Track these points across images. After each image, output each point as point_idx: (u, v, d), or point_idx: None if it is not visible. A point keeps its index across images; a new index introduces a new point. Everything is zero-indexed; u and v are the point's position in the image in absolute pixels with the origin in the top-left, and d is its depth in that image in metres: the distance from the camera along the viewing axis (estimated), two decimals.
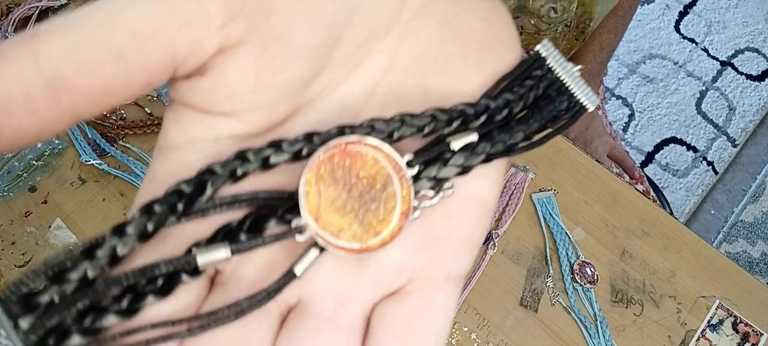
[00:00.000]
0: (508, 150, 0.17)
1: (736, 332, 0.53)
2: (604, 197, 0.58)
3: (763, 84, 1.65)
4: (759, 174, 1.54)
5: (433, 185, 0.17)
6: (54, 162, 0.60)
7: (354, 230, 0.16)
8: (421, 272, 0.17)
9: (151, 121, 0.61)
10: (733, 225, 1.48)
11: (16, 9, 0.68)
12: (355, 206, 0.16)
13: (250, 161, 0.16)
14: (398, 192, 0.16)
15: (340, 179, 0.16)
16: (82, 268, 0.14)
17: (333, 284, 0.17)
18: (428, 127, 0.17)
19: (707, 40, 1.72)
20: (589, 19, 0.73)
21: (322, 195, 0.16)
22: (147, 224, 0.15)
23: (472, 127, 0.17)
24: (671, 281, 0.55)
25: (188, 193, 0.15)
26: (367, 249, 0.16)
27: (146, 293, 0.15)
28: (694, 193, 1.51)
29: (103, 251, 0.14)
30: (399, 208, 0.16)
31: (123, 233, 0.14)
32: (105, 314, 0.14)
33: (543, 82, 0.18)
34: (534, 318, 0.53)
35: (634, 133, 1.59)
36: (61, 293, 0.14)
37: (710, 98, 1.63)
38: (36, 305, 0.14)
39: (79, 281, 0.14)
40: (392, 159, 0.16)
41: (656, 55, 1.70)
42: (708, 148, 1.57)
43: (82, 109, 0.14)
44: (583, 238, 0.56)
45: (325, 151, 0.16)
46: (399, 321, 0.16)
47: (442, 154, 0.17)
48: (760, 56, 1.69)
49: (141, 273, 0.15)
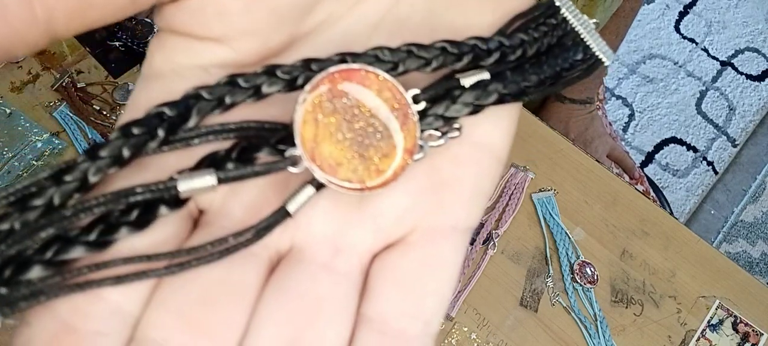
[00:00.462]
0: (521, 92, 0.16)
1: (736, 332, 0.53)
2: (604, 197, 0.58)
3: (763, 84, 1.65)
4: (759, 174, 1.54)
5: (441, 124, 0.15)
6: (54, 162, 0.60)
7: (354, 165, 0.14)
8: (425, 221, 0.15)
9: None
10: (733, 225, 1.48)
11: None
12: (356, 138, 0.14)
13: (242, 88, 0.14)
14: (403, 127, 0.15)
15: (340, 109, 0.14)
16: (49, 194, 0.12)
17: (329, 229, 0.15)
18: (437, 61, 0.15)
19: (707, 40, 1.72)
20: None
21: (319, 125, 0.14)
22: (123, 148, 0.13)
23: (484, 65, 0.16)
24: (671, 281, 0.55)
25: (171, 117, 0.13)
26: (368, 188, 0.14)
27: (119, 225, 0.13)
28: (694, 193, 1.51)
29: (73, 175, 0.13)
30: (403, 144, 0.15)
31: (95, 157, 0.13)
32: (71, 246, 0.13)
33: (557, 31, 0.17)
34: (534, 318, 0.53)
35: (634, 133, 1.59)
36: (23, 220, 0.12)
37: (710, 98, 1.63)
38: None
39: (44, 207, 0.12)
40: (397, 92, 0.15)
41: (656, 55, 1.70)
42: (708, 148, 1.57)
43: (59, 23, 0.13)
44: (583, 238, 0.56)
45: (325, 78, 0.14)
46: (401, 275, 0.15)
47: (451, 91, 0.15)
48: (760, 56, 1.69)
49: (114, 199, 0.13)
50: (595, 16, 0.71)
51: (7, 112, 0.62)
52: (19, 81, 0.65)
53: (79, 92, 0.63)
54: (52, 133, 0.61)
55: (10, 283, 0.12)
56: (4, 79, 0.65)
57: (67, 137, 0.61)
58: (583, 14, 0.17)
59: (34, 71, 0.65)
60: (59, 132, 0.62)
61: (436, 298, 0.15)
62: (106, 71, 0.65)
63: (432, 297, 0.15)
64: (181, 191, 0.13)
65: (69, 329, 0.13)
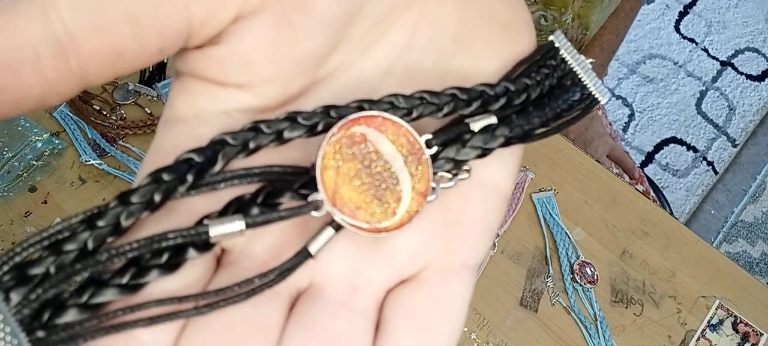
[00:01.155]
0: (526, 135, 0.17)
1: (736, 332, 0.53)
2: (604, 197, 0.58)
3: (763, 84, 1.65)
4: (759, 174, 1.54)
5: (452, 166, 0.16)
6: (54, 162, 0.60)
7: (372, 208, 0.15)
8: (437, 259, 0.16)
9: (151, 121, 0.61)
10: (733, 225, 1.48)
11: None
12: (373, 183, 0.15)
13: (265, 133, 0.15)
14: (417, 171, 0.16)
15: (359, 155, 0.15)
16: (82, 238, 0.13)
17: (347, 268, 0.16)
18: (448, 106, 0.16)
19: (707, 40, 1.72)
20: (585, 29, 0.73)
21: (339, 171, 0.15)
22: (154, 194, 0.14)
23: (492, 109, 0.16)
24: (671, 281, 0.55)
25: (199, 163, 0.14)
26: (384, 229, 0.15)
27: (150, 268, 0.14)
28: (694, 193, 1.51)
29: (106, 220, 0.13)
30: (417, 188, 0.15)
31: (127, 202, 0.13)
32: (105, 289, 0.13)
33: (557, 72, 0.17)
34: (534, 318, 0.53)
35: (634, 133, 1.59)
36: (59, 264, 0.13)
37: (710, 98, 1.63)
38: (29, 276, 0.13)
39: (78, 251, 0.13)
40: (411, 137, 0.16)
41: (656, 55, 1.70)
42: (708, 148, 1.57)
43: (92, 73, 0.14)
44: (583, 238, 0.56)
45: (344, 125, 0.15)
46: (414, 310, 0.16)
47: (461, 135, 0.16)
48: (760, 56, 1.69)
49: (147, 243, 0.13)
50: (592, 16, 0.71)
51: None
52: None
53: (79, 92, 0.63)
54: (52, 133, 0.61)
55: (47, 326, 0.13)
56: None
57: (67, 137, 0.61)
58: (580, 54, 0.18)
59: None
60: (59, 132, 0.62)
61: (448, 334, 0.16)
62: None
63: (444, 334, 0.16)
64: (211, 236, 0.14)
65: None
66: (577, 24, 0.72)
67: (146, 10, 0.13)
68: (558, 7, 0.66)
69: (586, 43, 0.78)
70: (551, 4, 0.66)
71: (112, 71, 0.14)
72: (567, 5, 0.67)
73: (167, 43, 0.14)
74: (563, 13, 0.67)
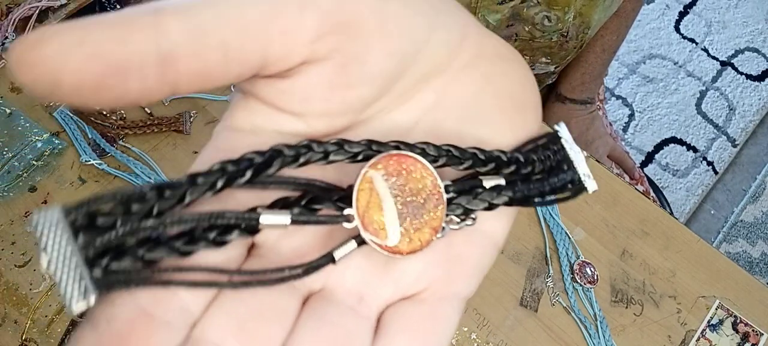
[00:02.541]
0: (525, 199, 0.20)
1: (736, 332, 0.53)
2: (604, 197, 0.58)
3: (763, 84, 1.65)
4: (759, 174, 1.54)
5: (461, 212, 0.19)
6: (54, 162, 0.60)
7: (392, 233, 0.18)
8: (435, 285, 0.19)
9: (151, 121, 0.62)
10: (733, 225, 1.48)
11: (16, 9, 0.68)
12: (398, 212, 0.18)
13: (315, 151, 0.17)
14: (434, 210, 0.18)
15: (390, 186, 0.18)
16: (150, 202, 0.15)
17: (358, 280, 0.18)
18: (467, 162, 0.19)
19: (707, 40, 1.72)
20: (587, 27, 0.73)
21: (371, 195, 0.18)
22: (218, 179, 0.16)
23: (502, 173, 0.19)
24: (671, 281, 0.54)
25: (258, 163, 0.17)
26: (399, 252, 0.18)
27: (200, 239, 0.16)
28: (694, 193, 1.51)
29: (173, 192, 0.15)
30: (432, 223, 0.18)
31: (194, 182, 0.16)
32: (161, 248, 0.15)
33: (557, 156, 0.21)
34: (534, 318, 0.53)
35: (634, 133, 1.59)
36: (125, 219, 0.15)
37: (710, 98, 1.63)
38: (98, 224, 0.15)
39: (145, 212, 0.15)
40: (435, 180, 0.18)
41: (656, 55, 1.70)
42: (708, 148, 1.57)
43: (181, 86, 0.16)
44: (583, 238, 0.56)
45: (382, 158, 0.18)
46: (410, 320, 0.18)
47: (475, 189, 0.19)
48: (760, 56, 1.69)
49: (205, 218, 0.16)
50: (594, 15, 0.71)
51: (7, 112, 0.62)
52: None
53: None
54: (52, 133, 0.61)
55: (105, 268, 0.15)
56: (4, 79, 0.65)
57: (67, 137, 0.61)
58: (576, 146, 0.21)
59: None
60: (59, 132, 0.62)
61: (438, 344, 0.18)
62: None
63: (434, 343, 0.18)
64: (261, 223, 0.16)
65: (146, 314, 0.15)
66: (578, 22, 0.72)
67: (235, 44, 0.16)
68: (561, 6, 0.66)
69: (586, 42, 0.78)
70: (554, 5, 0.66)
71: (198, 87, 0.16)
72: (569, 4, 0.67)
73: (245, 71, 0.17)
74: (566, 12, 0.67)
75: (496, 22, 0.69)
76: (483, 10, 0.66)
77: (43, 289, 0.54)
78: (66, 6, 0.69)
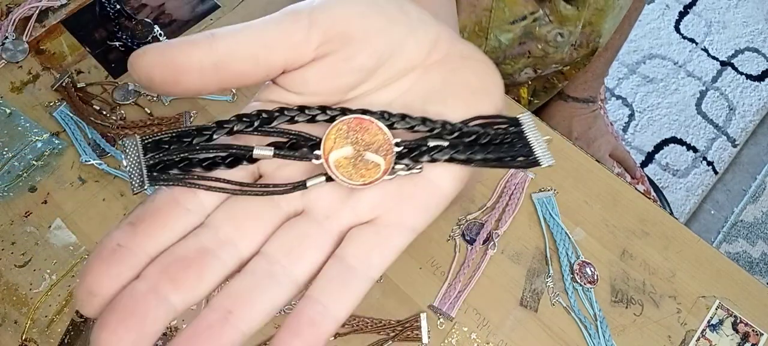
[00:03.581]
0: (465, 160, 0.25)
1: (736, 332, 0.53)
2: (604, 197, 0.58)
3: (763, 84, 1.65)
4: (759, 174, 1.54)
5: (409, 163, 0.25)
6: (54, 162, 0.60)
7: (350, 170, 0.24)
8: (386, 215, 0.25)
9: (151, 122, 0.61)
10: (733, 225, 1.48)
11: (16, 9, 0.68)
12: (356, 156, 0.24)
13: (304, 113, 0.25)
14: (386, 158, 0.24)
15: (351, 138, 0.24)
16: (191, 136, 0.24)
17: (326, 205, 0.25)
18: (418, 127, 0.25)
19: (707, 40, 1.72)
20: (598, 36, 0.73)
21: (335, 142, 0.24)
22: (235, 125, 0.24)
23: (446, 138, 0.25)
24: (671, 281, 0.54)
25: (265, 117, 0.24)
26: (355, 185, 0.24)
27: (220, 163, 0.24)
28: (694, 193, 1.51)
29: (207, 132, 0.24)
30: (383, 166, 0.24)
31: (221, 126, 0.24)
32: (194, 165, 0.24)
33: (514, 136, 0.26)
34: (534, 318, 0.53)
35: (634, 133, 1.59)
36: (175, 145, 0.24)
37: (710, 98, 1.63)
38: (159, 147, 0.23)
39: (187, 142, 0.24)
40: (387, 136, 0.24)
41: (656, 55, 1.70)
42: (708, 148, 1.57)
43: (227, 83, 0.23)
44: (583, 238, 0.56)
45: (348, 119, 0.24)
46: (362, 236, 0.24)
47: (420, 146, 0.25)
48: (760, 56, 1.69)
49: (223, 148, 0.24)
50: (604, 24, 0.71)
51: (7, 112, 0.62)
52: (19, 81, 0.65)
53: (79, 92, 0.63)
54: (52, 133, 0.61)
55: (159, 173, 0.23)
56: (4, 79, 0.65)
57: (67, 137, 0.61)
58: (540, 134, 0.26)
59: (34, 71, 0.65)
60: (59, 132, 0.62)
61: (381, 258, 0.24)
62: (106, 71, 0.65)
63: (378, 256, 0.24)
64: (254, 153, 0.24)
65: (176, 201, 0.23)
66: (588, 30, 0.72)
67: (263, 55, 0.24)
68: (573, 21, 0.66)
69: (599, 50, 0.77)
70: (566, 22, 0.66)
71: (239, 84, 0.24)
72: (580, 18, 0.67)
73: (272, 73, 0.24)
74: (577, 25, 0.67)
75: (508, 41, 0.68)
76: (495, 30, 0.66)
77: (43, 289, 0.54)
78: (66, 6, 0.69)
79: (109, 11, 0.69)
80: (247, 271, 0.23)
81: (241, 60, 0.23)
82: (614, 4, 0.68)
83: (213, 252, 0.23)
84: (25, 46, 0.66)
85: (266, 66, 0.24)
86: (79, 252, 0.56)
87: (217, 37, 0.23)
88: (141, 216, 0.23)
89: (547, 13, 0.66)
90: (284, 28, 0.24)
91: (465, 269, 0.54)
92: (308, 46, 0.24)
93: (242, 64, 0.23)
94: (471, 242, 0.56)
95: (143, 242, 0.22)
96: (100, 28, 0.68)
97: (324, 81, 0.25)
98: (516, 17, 0.66)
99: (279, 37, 0.23)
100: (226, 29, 0.23)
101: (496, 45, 0.68)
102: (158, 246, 0.22)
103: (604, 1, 0.68)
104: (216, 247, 0.23)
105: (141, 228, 0.22)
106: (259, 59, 0.23)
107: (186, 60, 0.22)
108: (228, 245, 0.23)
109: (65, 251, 0.56)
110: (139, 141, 0.23)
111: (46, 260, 0.55)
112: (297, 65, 0.24)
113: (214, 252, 0.23)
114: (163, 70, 0.22)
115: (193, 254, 0.22)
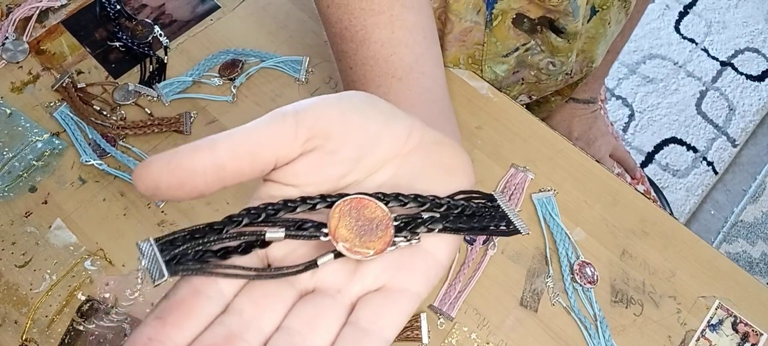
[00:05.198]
0: (456, 230, 0.29)
1: (736, 332, 0.53)
2: (604, 197, 0.58)
3: (763, 84, 1.65)
4: (759, 174, 1.54)
5: (408, 235, 0.28)
6: (54, 162, 0.60)
7: (356, 244, 0.27)
8: (391, 282, 0.27)
9: (151, 122, 0.61)
10: (733, 225, 1.48)
11: (16, 9, 0.68)
12: (359, 232, 0.27)
13: (306, 203, 0.27)
14: (385, 232, 0.27)
15: (353, 216, 0.27)
16: (203, 232, 0.25)
17: (337, 280, 0.27)
18: (411, 204, 0.28)
19: (707, 40, 1.72)
20: (591, 62, 0.73)
21: (340, 221, 0.27)
22: (245, 218, 0.26)
23: (437, 211, 0.29)
24: (671, 281, 0.54)
25: (271, 211, 0.27)
26: (363, 257, 0.27)
27: (233, 251, 0.26)
28: (694, 193, 1.51)
29: (217, 226, 0.26)
30: (384, 239, 0.27)
31: (232, 221, 0.26)
32: (209, 255, 0.25)
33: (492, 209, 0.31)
34: (534, 318, 0.53)
35: (634, 133, 1.59)
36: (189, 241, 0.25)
37: (710, 98, 1.63)
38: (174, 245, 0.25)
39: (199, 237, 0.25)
40: (386, 212, 0.27)
41: (656, 55, 1.70)
42: (708, 148, 1.57)
43: (227, 181, 0.25)
44: (583, 238, 0.56)
45: (349, 199, 0.27)
46: (375, 300, 0.27)
47: (416, 219, 0.28)
48: (760, 56, 1.69)
49: (235, 236, 0.26)
50: (597, 50, 0.71)
51: (7, 112, 0.62)
52: (19, 81, 0.65)
53: (79, 92, 0.63)
54: (52, 133, 0.61)
55: (177, 265, 0.24)
56: (4, 79, 0.65)
57: (67, 137, 0.61)
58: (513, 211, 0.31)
59: (34, 71, 0.65)
60: (59, 132, 0.62)
61: (391, 317, 0.26)
62: (106, 71, 0.65)
63: (389, 315, 0.26)
64: (266, 236, 0.26)
65: (198, 291, 0.25)
66: (582, 58, 0.72)
67: (257, 154, 0.26)
68: (565, 52, 0.66)
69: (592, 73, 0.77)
70: (558, 52, 0.66)
71: (239, 180, 0.26)
72: (572, 49, 0.67)
73: (266, 168, 0.27)
74: (569, 56, 0.67)
75: (503, 72, 0.68)
76: (489, 62, 0.66)
77: (43, 289, 0.54)
78: (66, 6, 0.69)
79: (110, 11, 0.69)
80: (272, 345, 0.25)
81: (239, 158, 0.25)
82: (606, 30, 0.68)
83: (240, 335, 0.24)
84: (26, 46, 0.66)
85: (261, 162, 0.26)
86: (79, 252, 0.56)
87: (217, 140, 0.25)
88: (167, 309, 0.24)
89: (538, 43, 0.66)
90: (274, 127, 0.26)
91: (465, 269, 0.55)
92: (296, 142, 0.26)
93: (240, 162, 0.25)
94: (471, 243, 0.56)
95: (172, 333, 0.23)
96: (100, 28, 0.68)
97: (313, 172, 0.28)
98: (508, 50, 0.66)
99: (270, 135, 0.26)
100: (223, 133, 0.25)
101: (492, 77, 0.68)
102: (187, 336, 0.24)
103: (595, 30, 0.68)
104: (242, 330, 0.25)
105: (169, 320, 0.24)
106: (254, 156, 0.26)
107: (191, 164, 0.24)
108: (252, 326, 0.25)
109: (65, 251, 0.56)
110: (152, 242, 0.24)
111: (47, 260, 0.55)
112: (287, 160, 0.27)
113: (241, 335, 0.24)
114: (169, 177, 0.24)
115: (221, 341, 0.24)
